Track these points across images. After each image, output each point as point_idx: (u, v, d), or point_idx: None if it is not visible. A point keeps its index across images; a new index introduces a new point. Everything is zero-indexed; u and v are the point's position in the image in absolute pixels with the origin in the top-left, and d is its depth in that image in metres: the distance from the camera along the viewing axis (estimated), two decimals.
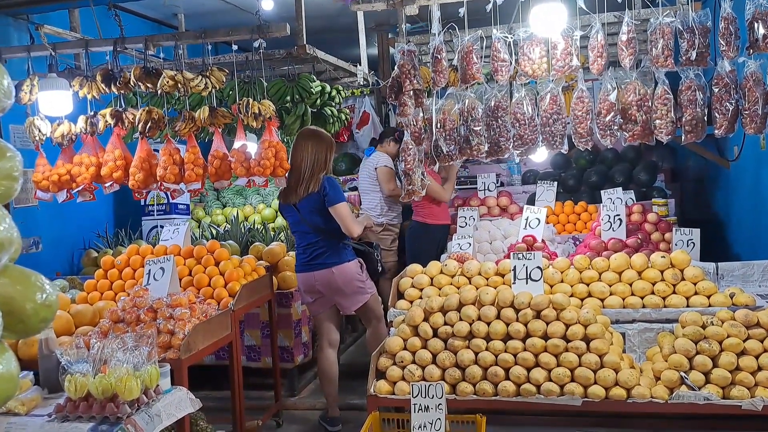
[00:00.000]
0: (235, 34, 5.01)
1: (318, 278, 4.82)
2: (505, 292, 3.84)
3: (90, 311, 4.25)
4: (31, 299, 1.31)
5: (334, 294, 4.86)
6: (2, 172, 1.29)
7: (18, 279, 1.32)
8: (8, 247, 1.20)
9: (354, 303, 4.91)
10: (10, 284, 1.29)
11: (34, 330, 1.32)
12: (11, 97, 1.31)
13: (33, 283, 1.34)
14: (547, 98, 4.51)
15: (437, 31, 4.58)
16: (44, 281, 1.37)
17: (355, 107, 9.42)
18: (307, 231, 4.83)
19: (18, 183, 1.35)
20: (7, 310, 1.20)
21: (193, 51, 7.04)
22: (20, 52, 5.25)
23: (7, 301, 1.25)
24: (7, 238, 1.19)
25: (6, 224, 1.19)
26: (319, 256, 4.81)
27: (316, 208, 4.75)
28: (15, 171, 1.32)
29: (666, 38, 4.22)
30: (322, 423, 5.07)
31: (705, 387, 3.45)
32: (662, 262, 4.18)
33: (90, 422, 2.92)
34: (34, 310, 1.31)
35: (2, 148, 1.32)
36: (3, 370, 1.24)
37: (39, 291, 1.33)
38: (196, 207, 8.18)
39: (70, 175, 5.14)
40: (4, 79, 1.26)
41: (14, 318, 1.26)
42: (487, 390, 3.61)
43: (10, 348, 1.30)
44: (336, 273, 4.79)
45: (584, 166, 7.46)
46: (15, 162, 1.33)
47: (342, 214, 4.68)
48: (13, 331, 1.27)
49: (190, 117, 4.93)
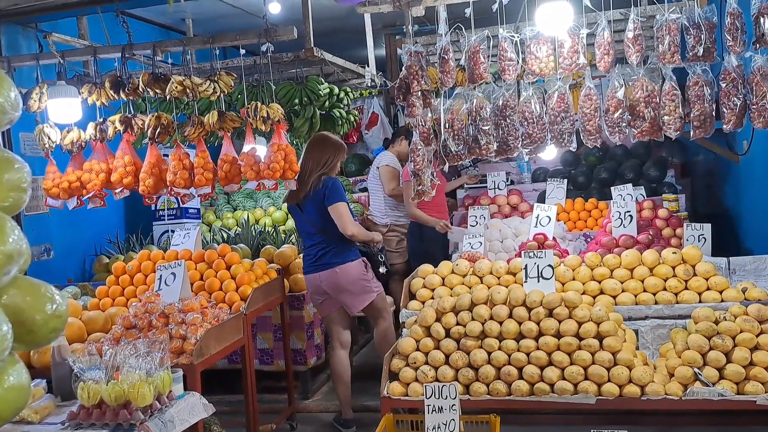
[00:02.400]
0: (243, 38, 5.02)
1: (323, 278, 4.85)
2: (516, 291, 3.83)
3: (102, 318, 4.27)
4: (41, 310, 1.31)
5: (340, 294, 4.87)
6: (10, 184, 1.30)
7: (28, 290, 1.33)
8: (18, 258, 1.21)
9: (360, 302, 4.92)
10: (20, 295, 1.29)
11: (44, 341, 1.33)
12: (18, 109, 1.31)
13: (43, 294, 1.35)
14: (555, 96, 4.50)
15: (444, 31, 4.58)
16: (54, 291, 1.37)
17: (364, 108, 9.43)
18: (311, 232, 4.89)
19: (26, 194, 1.36)
20: (17, 321, 1.21)
21: (202, 56, 7.07)
22: (29, 60, 5.29)
23: (17, 312, 1.26)
24: (16, 249, 1.20)
25: (15, 236, 1.20)
26: (323, 257, 4.85)
27: (319, 209, 4.80)
28: (23, 182, 1.33)
29: (672, 34, 4.20)
30: (336, 425, 5.07)
31: (719, 383, 3.42)
32: (674, 258, 4.15)
33: (103, 429, 2.94)
34: (44, 320, 1.31)
35: (10, 160, 1.33)
36: (14, 381, 1.25)
37: (49, 302, 1.34)
38: (206, 211, 8.20)
39: (81, 181, 5.16)
40: (11, 91, 1.27)
41: (24, 329, 1.27)
42: (501, 390, 3.60)
43: (21, 358, 1.31)
44: (340, 273, 4.82)
45: (594, 163, 7.43)
46: (23, 173, 1.34)
47: (339, 213, 4.74)
48: (23, 342, 1.28)
49: (199, 122, 4.95)
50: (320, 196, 4.78)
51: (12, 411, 1.25)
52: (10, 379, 1.25)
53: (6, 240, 1.17)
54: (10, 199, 1.30)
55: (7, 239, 1.18)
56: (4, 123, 1.29)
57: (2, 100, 1.25)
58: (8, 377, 1.24)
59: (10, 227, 1.20)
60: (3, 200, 1.29)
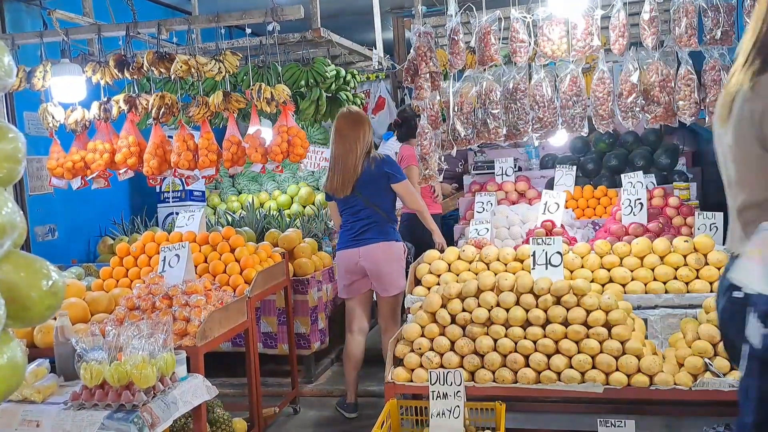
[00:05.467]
0: (249, 17, 4.95)
1: (363, 254, 4.75)
2: (524, 277, 3.76)
3: (105, 298, 4.22)
4: (36, 286, 1.26)
5: (377, 272, 4.77)
6: (4, 153, 1.24)
7: (22, 266, 1.27)
8: (11, 232, 1.16)
9: (395, 286, 4.79)
10: (14, 271, 1.24)
11: (39, 318, 1.27)
12: (12, 75, 1.25)
13: (38, 270, 1.29)
14: (567, 80, 4.43)
15: (454, 12, 4.50)
16: (50, 268, 1.32)
17: (371, 92, 9.36)
18: (359, 208, 4.77)
19: (21, 166, 1.30)
20: (10, 298, 1.16)
21: (206, 36, 6.99)
22: (33, 38, 5.23)
23: (10, 288, 1.21)
24: (8, 222, 1.14)
25: (9, 208, 1.14)
26: (366, 232, 4.76)
27: (378, 187, 4.73)
28: (18, 153, 1.27)
29: (689, 17, 4.11)
30: (340, 409, 5.04)
31: (730, 373, 3.37)
32: (685, 247, 4.08)
33: (106, 410, 2.91)
34: (40, 297, 1.26)
35: (3, 129, 1.27)
36: (6, 360, 1.20)
37: (44, 278, 1.28)
38: (211, 194, 8.16)
39: (85, 161, 5.12)
40: (4, 56, 1.21)
41: (18, 306, 1.22)
42: (507, 377, 3.54)
43: (16, 336, 1.26)
44: (383, 248, 4.75)
45: (603, 149, 7.34)
46: (18, 143, 1.28)
47: (408, 190, 4.79)
48: (18, 319, 1.23)
49: (204, 102, 4.89)
50: (380, 174, 4.69)
51: (5, 389, 1.20)
52: (4, 357, 1.20)
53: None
54: (4, 170, 1.25)
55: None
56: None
57: None
58: (2, 356, 1.20)
59: (3, 199, 1.15)
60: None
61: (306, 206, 7.80)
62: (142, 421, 2.87)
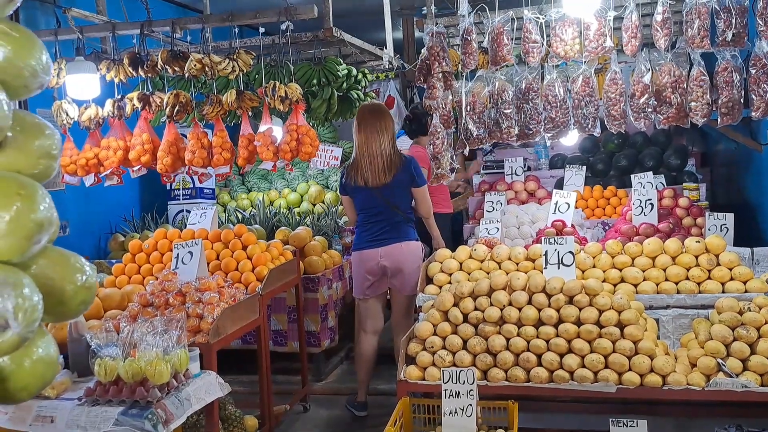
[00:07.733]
0: (262, 16, 4.97)
1: (384, 254, 4.78)
2: (536, 277, 3.77)
3: (118, 295, 4.24)
4: (71, 281, 1.28)
5: (399, 270, 4.80)
6: (41, 150, 1.26)
7: (57, 260, 1.29)
8: (48, 227, 1.17)
9: (413, 286, 4.75)
10: (50, 266, 1.26)
11: (73, 313, 1.29)
12: (49, 72, 1.27)
13: (73, 265, 1.31)
14: (579, 80, 4.43)
15: (466, 12, 4.51)
16: (84, 262, 1.34)
17: (380, 91, 9.37)
18: (380, 210, 4.80)
19: (56, 162, 1.32)
20: (46, 292, 1.17)
21: (220, 35, 7.02)
22: (47, 35, 5.26)
23: (47, 282, 1.22)
24: (47, 218, 1.16)
25: (46, 203, 1.16)
26: (386, 232, 4.79)
27: (402, 188, 4.79)
28: (54, 149, 1.29)
29: (702, 18, 4.11)
30: (349, 408, 5.05)
31: (743, 374, 3.37)
32: (697, 247, 4.09)
33: (120, 406, 2.92)
34: (74, 291, 1.28)
35: (41, 125, 1.29)
36: (43, 353, 1.22)
37: (79, 272, 1.30)
38: (221, 191, 8.18)
39: (98, 159, 5.15)
40: (42, 54, 1.23)
41: (54, 300, 1.23)
42: (519, 376, 3.55)
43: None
44: (405, 248, 4.80)
45: (613, 150, 7.35)
46: (54, 140, 1.30)
47: (425, 196, 4.87)
48: (53, 314, 1.24)
49: (218, 101, 4.92)
50: (408, 176, 4.76)
51: (40, 383, 1.22)
52: (39, 351, 1.22)
53: (37, 207, 1.14)
54: (40, 166, 1.27)
55: (38, 207, 1.14)
56: (35, 87, 1.25)
57: (34, 62, 1.21)
58: (37, 349, 1.21)
59: (41, 195, 1.16)
60: (33, 167, 1.25)
61: (316, 204, 7.82)
62: (156, 417, 2.87)
